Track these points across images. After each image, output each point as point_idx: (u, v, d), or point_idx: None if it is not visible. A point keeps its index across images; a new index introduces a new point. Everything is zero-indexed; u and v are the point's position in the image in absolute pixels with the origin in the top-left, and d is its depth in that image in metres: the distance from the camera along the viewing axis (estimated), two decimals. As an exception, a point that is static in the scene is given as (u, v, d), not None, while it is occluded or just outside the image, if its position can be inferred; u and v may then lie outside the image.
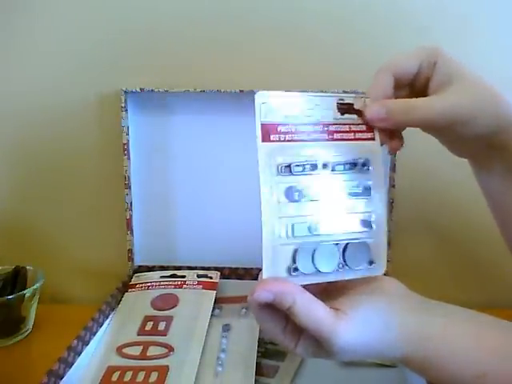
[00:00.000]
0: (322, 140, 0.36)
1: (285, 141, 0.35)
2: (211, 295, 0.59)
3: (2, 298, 0.58)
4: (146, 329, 0.54)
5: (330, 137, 0.37)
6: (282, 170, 0.35)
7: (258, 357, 0.50)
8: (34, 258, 0.66)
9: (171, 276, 0.64)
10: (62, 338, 0.49)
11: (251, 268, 0.65)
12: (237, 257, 0.66)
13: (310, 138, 0.36)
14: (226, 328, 0.54)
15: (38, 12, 0.65)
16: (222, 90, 0.60)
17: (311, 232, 0.35)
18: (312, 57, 0.64)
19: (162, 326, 0.54)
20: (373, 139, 0.38)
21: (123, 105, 0.63)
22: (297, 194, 0.35)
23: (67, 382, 0.47)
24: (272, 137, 0.35)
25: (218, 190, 0.66)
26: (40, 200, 0.71)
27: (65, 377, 0.47)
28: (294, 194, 0.35)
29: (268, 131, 0.35)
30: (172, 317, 0.55)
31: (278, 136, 0.35)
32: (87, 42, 0.66)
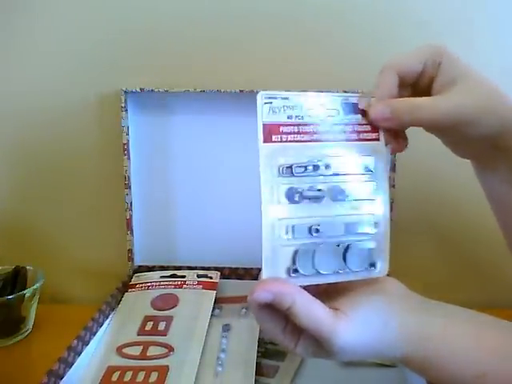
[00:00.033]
0: (325, 141, 0.36)
1: (287, 141, 0.35)
2: (211, 295, 0.59)
3: (2, 298, 0.58)
4: (146, 329, 0.54)
5: (334, 137, 0.36)
6: (283, 171, 0.35)
7: (258, 357, 0.50)
8: (34, 258, 0.66)
9: (171, 276, 0.64)
10: (62, 337, 0.49)
11: (251, 268, 0.65)
12: (237, 257, 0.66)
13: (312, 138, 0.36)
14: (226, 328, 0.54)
15: (38, 12, 0.65)
16: (222, 90, 0.60)
17: (312, 233, 0.35)
18: (312, 56, 0.64)
19: (161, 326, 0.54)
20: (377, 139, 0.37)
21: (123, 105, 0.63)
22: (298, 196, 0.35)
23: (67, 382, 0.47)
24: (274, 137, 0.35)
25: (218, 190, 0.66)
26: (40, 200, 0.71)
27: (65, 377, 0.47)
28: (295, 196, 0.35)
29: (270, 132, 0.35)
30: (172, 317, 0.55)
31: (279, 137, 0.35)
32: (87, 42, 0.66)
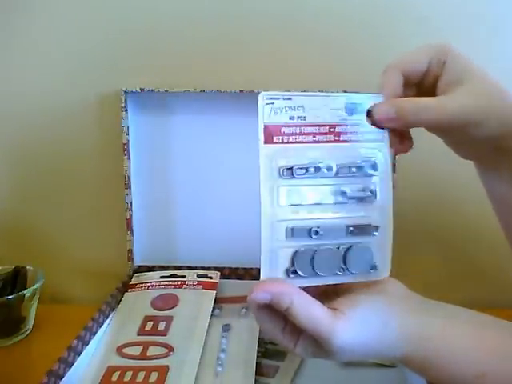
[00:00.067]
0: (327, 142, 0.35)
1: (288, 142, 0.35)
2: (211, 295, 0.59)
3: (2, 298, 0.58)
4: (146, 329, 0.54)
5: (336, 138, 0.36)
6: (283, 173, 0.34)
7: (258, 357, 0.50)
8: (34, 258, 0.66)
9: (171, 276, 0.64)
10: (62, 337, 0.49)
11: (251, 268, 0.65)
12: (237, 257, 0.66)
13: (314, 139, 0.35)
14: (226, 328, 0.54)
15: (38, 12, 0.65)
16: (222, 90, 0.60)
17: (311, 235, 0.35)
18: (312, 56, 0.64)
19: (161, 326, 0.54)
20: (381, 140, 0.37)
21: (123, 105, 0.62)
22: (298, 198, 0.35)
23: (67, 381, 0.47)
24: (275, 138, 0.34)
25: (218, 190, 0.66)
26: (40, 200, 0.71)
27: (65, 377, 0.47)
28: (295, 198, 0.35)
29: (271, 133, 0.34)
30: (172, 317, 0.55)
31: (281, 138, 0.34)
32: (87, 43, 0.66)
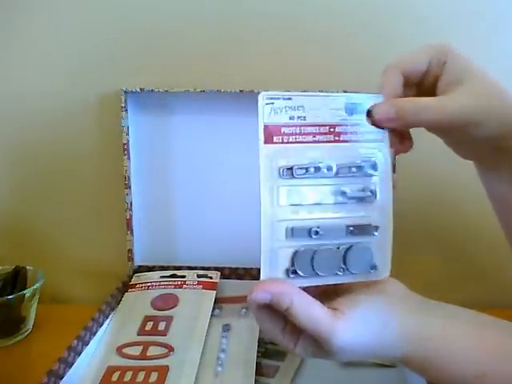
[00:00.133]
0: (327, 142, 0.35)
1: (288, 142, 0.35)
2: (211, 295, 0.59)
3: (2, 298, 0.58)
4: (146, 329, 0.54)
5: (336, 138, 0.36)
6: (283, 173, 0.34)
7: (258, 357, 0.50)
8: (34, 258, 0.66)
9: (171, 276, 0.64)
10: (62, 338, 0.49)
11: (251, 268, 0.65)
12: (237, 257, 0.66)
13: (314, 139, 0.35)
14: (226, 328, 0.54)
15: (38, 12, 0.65)
16: (222, 90, 0.60)
17: (311, 235, 0.35)
18: (312, 56, 0.64)
19: (161, 326, 0.54)
20: (381, 140, 0.37)
21: (123, 105, 0.62)
22: (298, 198, 0.35)
23: (67, 381, 0.47)
24: (275, 138, 0.34)
25: (218, 190, 0.66)
26: (40, 200, 0.71)
27: (65, 377, 0.47)
28: (295, 198, 0.35)
29: (271, 133, 0.34)
30: (172, 317, 0.55)
31: (281, 138, 0.34)
32: (87, 43, 0.66)
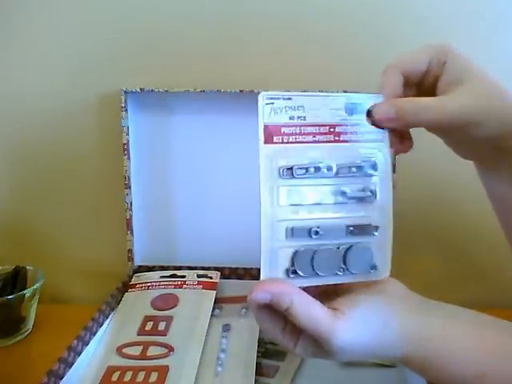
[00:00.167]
0: (327, 142, 0.35)
1: (288, 142, 0.35)
2: (211, 295, 0.59)
3: (2, 298, 0.58)
4: (146, 329, 0.54)
5: (336, 138, 0.36)
6: (283, 173, 0.34)
7: (258, 357, 0.50)
8: (34, 258, 0.66)
9: (171, 276, 0.64)
10: (62, 337, 0.49)
11: (251, 268, 0.65)
12: (237, 257, 0.66)
13: (314, 139, 0.35)
14: (226, 328, 0.54)
15: (38, 12, 0.65)
16: (222, 90, 0.60)
17: (311, 235, 0.35)
18: (312, 56, 0.64)
19: (161, 326, 0.54)
20: (381, 140, 0.37)
21: (123, 105, 0.62)
22: (298, 198, 0.35)
23: (67, 382, 0.47)
24: (275, 138, 0.34)
25: (218, 190, 0.66)
26: (40, 200, 0.71)
27: (65, 377, 0.47)
28: (295, 198, 0.35)
29: (271, 133, 0.34)
30: (172, 317, 0.55)
31: (281, 138, 0.34)
32: (87, 43, 0.66)
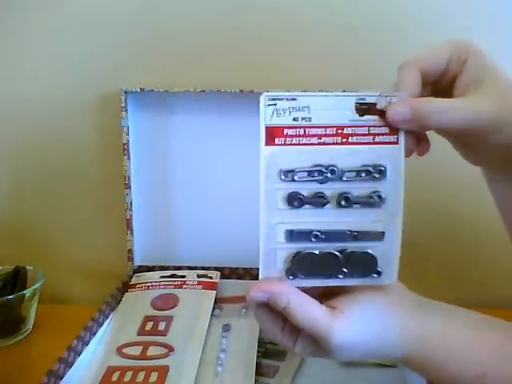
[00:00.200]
0: (333, 144, 0.34)
1: (291, 144, 0.34)
2: (211, 295, 0.59)
3: (2, 298, 0.58)
4: (146, 329, 0.54)
5: (344, 140, 0.34)
6: (283, 176, 0.34)
7: (258, 357, 0.50)
8: (34, 258, 0.66)
9: (171, 276, 0.64)
10: (62, 337, 0.49)
11: (251, 268, 0.65)
12: (237, 257, 0.66)
13: (320, 141, 0.34)
14: (226, 328, 0.54)
15: (38, 12, 0.65)
16: (222, 90, 0.60)
17: (311, 239, 0.34)
18: (313, 56, 0.64)
19: (161, 326, 0.54)
20: (395, 143, 0.34)
21: (123, 105, 0.62)
22: (297, 201, 0.34)
23: (67, 382, 0.47)
24: (277, 140, 0.33)
25: (218, 190, 0.66)
26: (40, 200, 0.71)
27: (65, 377, 0.47)
28: (295, 201, 0.34)
29: (273, 134, 0.33)
30: (172, 317, 0.55)
31: (283, 139, 0.33)
32: (87, 43, 0.65)
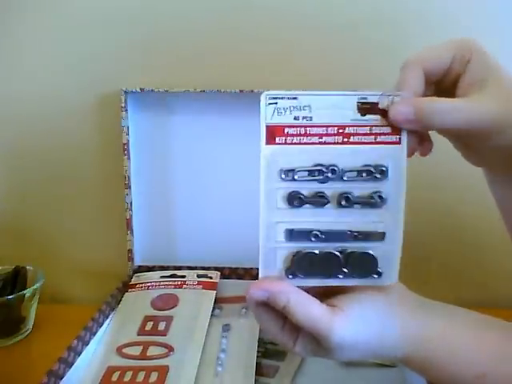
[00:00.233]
0: (334, 143, 0.34)
1: (292, 144, 0.34)
2: (211, 295, 0.59)
3: (2, 298, 0.58)
4: (146, 329, 0.54)
5: (346, 140, 0.34)
6: (284, 175, 0.34)
7: (257, 357, 0.50)
8: (34, 258, 0.66)
9: (171, 276, 0.64)
10: (62, 337, 0.49)
11: (251, 268, 0.65)
12: (237, 257, 0.66)
13: (321, 141, 0.34)
14: (226, 328, 0.54)
15: (38, 12, 0.65)
16: (222, 90, 0.60)
17: (311, 238, 0.34)
18: (313, 55, 0.64)
19: (161, 326, 0.54)
20: (398, 143, 0.34)
21: (123, 105, 0.62)
22: (298, 201, 0.34)
23: (67, 382, 0.47)
24: (278, 139, 0.33)
25: (218, 190, 0.66)
26: (40, 200, 0.71)
27: (65, 377, 0.47)
28: (295, 200, 0.34)
29: (273, 133, 0.33)
30: (172, 317, 0.55)
31: (283, 138, 0.33)
32: (87, 42, 0.65)
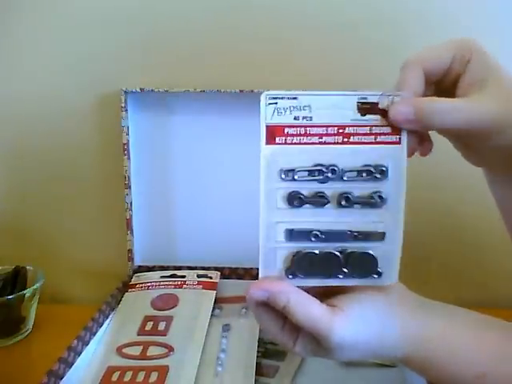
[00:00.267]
0: (334, 143, 0.34)
1: (292, 144, 0.34)
2: (211, 295, 0.59)
3: (2, 298, 0.58)
4: (146, 329, 0.54)
5: (346, 140, 0.34)
6: (284, 175, 0.34)
7: (257, 357, 0.50)
8: (34, 258, 0.66)
9: (171, 276, 0.64)
10: (62, 337, 0.49)
11: (251, 268, 0.65)
12: (237, 257, 0.66)
13: (321, 141, 0.34)
14: (226, 328, 0.54)
15: (37, 12, 0.65)
16: (222, 90, 0.60)
17: (311, 238, 0.34)
18: (313, 55, 0.64)
19: (161, 326, 0.54)
20: (398, 143, 0.34)
21: (123, 105, 0.62)
22: (297, 201, 0.34)
23: (67, 382, 0.47)
24: (278, 139, 0.33)
25: (218, 190, 0.66)
26: (40, 200, 0.71)
27: (65, 377, 0.47)
28: (295, 200, 0.34)
29: (274, 133, 0.33)
30: (172, 317, 0.55)
31: (284, 138, 0.34)
32: (87, 42, 0.65)
